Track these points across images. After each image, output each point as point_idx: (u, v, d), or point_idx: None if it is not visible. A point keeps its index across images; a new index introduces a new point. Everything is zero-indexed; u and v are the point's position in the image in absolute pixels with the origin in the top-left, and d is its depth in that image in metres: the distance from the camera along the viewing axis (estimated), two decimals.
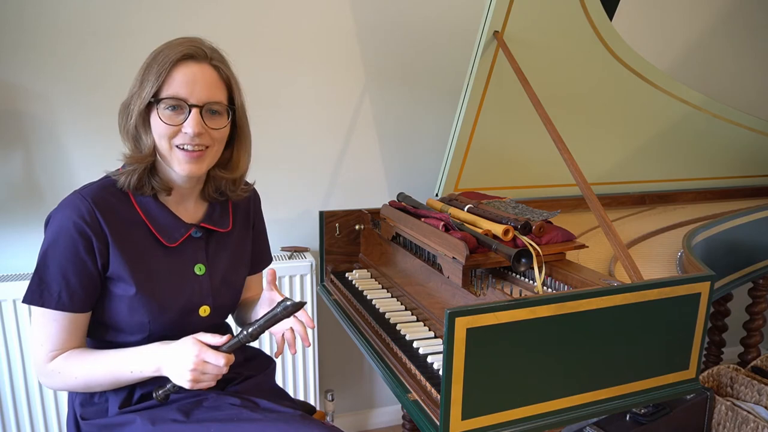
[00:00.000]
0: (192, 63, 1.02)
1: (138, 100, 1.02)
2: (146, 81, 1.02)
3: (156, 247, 1.09)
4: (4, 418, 1.75)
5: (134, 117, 1.03)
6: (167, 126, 1.02)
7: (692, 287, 1.11)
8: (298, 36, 1.96)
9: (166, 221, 1.09)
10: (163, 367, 1.01)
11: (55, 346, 1.04)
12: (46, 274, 1.02)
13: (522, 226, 1.29)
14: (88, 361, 1.04)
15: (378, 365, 1.25)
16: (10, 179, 1.77)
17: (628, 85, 1.92)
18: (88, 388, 1.07)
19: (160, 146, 1.04)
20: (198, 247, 1.14)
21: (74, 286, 1.02)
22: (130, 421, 1.06)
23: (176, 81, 1.01)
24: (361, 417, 2.34)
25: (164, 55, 1.02)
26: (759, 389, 1.99)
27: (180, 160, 1.04)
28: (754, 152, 2.31)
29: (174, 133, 1.03)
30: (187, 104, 1.01)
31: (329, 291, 1.74)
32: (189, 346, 0.99)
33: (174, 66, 1.01)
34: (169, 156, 1.05)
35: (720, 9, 2.49)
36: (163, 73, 1.00)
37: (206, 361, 0.98)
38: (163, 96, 1.01)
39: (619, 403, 1.09)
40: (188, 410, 1.07)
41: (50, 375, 1.05)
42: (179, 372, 0.99)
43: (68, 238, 1.01)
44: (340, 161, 2.11)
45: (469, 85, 1.68)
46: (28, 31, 1.70)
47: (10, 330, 1.70)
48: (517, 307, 0.96)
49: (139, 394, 1.10)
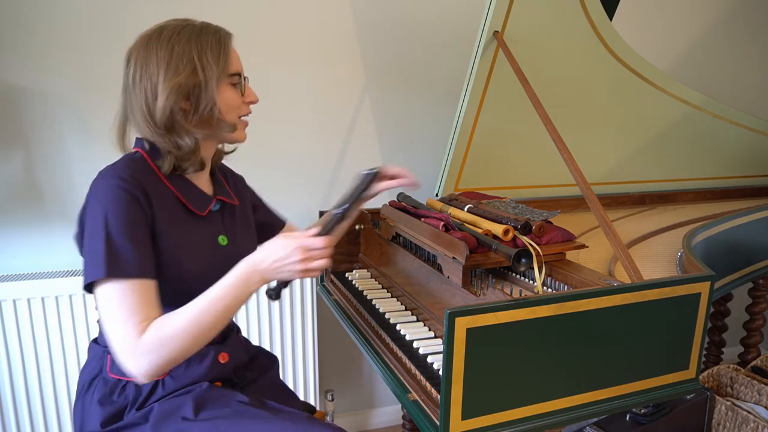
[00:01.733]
0: (230, 42, 1.11)
1: (211, 77, 1.04)
2: (208, 62, 1.04)
3: (188, 217, 1.10)
4: (4, 418, 1.75)
5: (208, 93, 1.04)
6: (239, 98, 1.10)
7: (692, 287, 1.11)
8: (298, 36, 1.96)
9: (191, 192, 1.12)
10: (266, 273, 0.99)
11: (143, 316, 0.95)
12: (114, 244, 0.95)
13: (522, 226, 1.29)
14: (183, 312, 0.96)
15: (378, 365, 1.25)
16: (10, 179, 1.77)
17: (628, 85, 1.92)
18: (197, 340, 0.97)
19: (227, 119, 1.09)
20: (217, 219, 1.17)
21: (142, 250, 0.98)
22: (139, 422, 1.06)
23: (233, 57, 1.09)
24: (361, 417, 2.34)
25: (213, 34, 1.07)
26: (759, 389, 1.99)
27: (242, 128, 1.14)
28: (754, 152, 2.31)
29: (241, 104, 1.11)
30: (243, 77, 1.11)
31: (329, 291, 1.74)
32: (282, 243, 0.98)
33: (228, 44, 1.09)
34: (231, 128, 1.10)
35: (720, 9, 2.49)
36: (223, 53, 1.06)
37: (308, 247, 0.97)
38: (232, 72, 1.08)
39: (619, 403, 1.09)
40: (197, 409, 1.06)
41: (150, 350, 0.93)
42: (286, 268, 0.98)
43: (122, 202, 0.98)
44: (340, 161, 2.11)
45: (469, 85, 1.68)
46: (28, 31, 1.70)
47: (10, 330, 1.70)
48: (517, 307, 0.96)
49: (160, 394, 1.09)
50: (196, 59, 1.03)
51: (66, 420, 1.81)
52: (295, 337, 1.99)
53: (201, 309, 0.97)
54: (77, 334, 1.76)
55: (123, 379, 1.09)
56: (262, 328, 1.95)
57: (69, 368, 1.78)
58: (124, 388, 1.09)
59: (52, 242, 1.83)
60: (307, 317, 1.99)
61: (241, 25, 1.90)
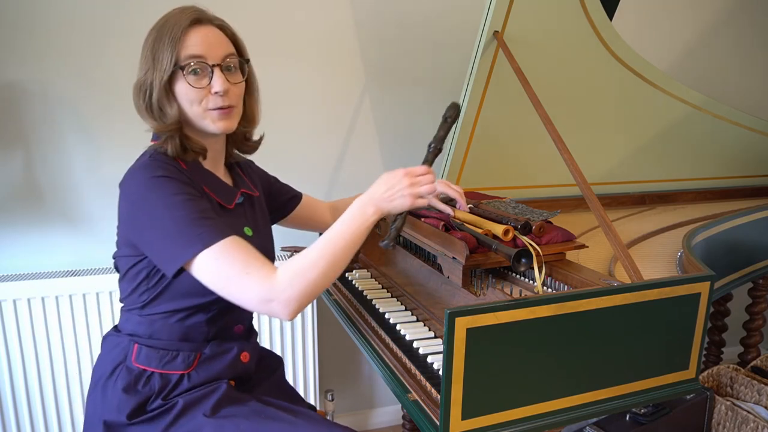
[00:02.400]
0: (200, 26, 1.05)
1: (158, 73, 1.03)
2: (160, 53, 1.02)
3: (218, 209, 1.11)
4: (4, 418, 1.75)
5: (157, 91, 1.03)
6: (196, 89, 1.04)
7: (692, 287, 1.11)
8: (298, 36, 1.96)
9: (218, 185, 1.13)
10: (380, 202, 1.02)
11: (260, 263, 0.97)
12: (192, 219, 0.97)
13: (522, 226, 1.29)
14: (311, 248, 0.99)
15: (378, 365, 1.25)
16: (10, 179, 1.77)
17: (628, 85, 1.92)
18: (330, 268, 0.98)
19: (190, 113, 1.06)
20: (242, 211, 1.18)
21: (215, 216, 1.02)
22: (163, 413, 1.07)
23: (191, 44, 1.03)
24: (361, 417, 2.34)
25: (171, 24, 1.03)
26: (759, 389, 1.99)
27: (214, 119, 1.06)
28: (754, 152, 2.31)
29: (203, 96, 1.05)
30: (207, 65, 1.04)
31: (329, 291, 1.74)
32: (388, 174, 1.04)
33: (185, 31, 1.03)
34: (201, 119, 1.07)
35: (720, 9, 2.49)
36: (176, 41, 1.02)
37: (414, 172, 1.03)
38: (184, 60, 1.02)
39: (619, 403, 1.09)
40: (218, 406, 1.07)
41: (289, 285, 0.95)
42: (397, 194, 1.02)
43: (173, 184, 1.00)
44: (341, 161, 2.11)
45: (469, 85, 1.68)
46: (28, 31, 1.70)
47: (10, 330, 1.70)
48: (517, 307, 0.96)
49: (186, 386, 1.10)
50: (150, 56, 1.04)
51: (66, 420, 1.81)
52: (295, 337, 1.99)
53: (326, 243, 0.99)
54: (77, 333, 1.76)
55: (148, 369, 1.09)
56: (262, 328, 1.95)
57: (69, 368, 1.78)
58: (150, 378, 1.08)
59: (52, 242, 1.84)
60: (307, 317, 1.99)
61: (241, 25, 1.89)
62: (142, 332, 1.11)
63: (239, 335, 1.18)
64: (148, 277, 1.07)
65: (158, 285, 1.07)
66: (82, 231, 1.87)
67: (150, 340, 1.10)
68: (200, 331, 1.12)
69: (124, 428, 1.07)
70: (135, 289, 1.10)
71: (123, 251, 1.09)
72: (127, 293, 1.12)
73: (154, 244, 1.00)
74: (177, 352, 1.10)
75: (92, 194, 1.85)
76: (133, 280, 1.09)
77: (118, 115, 1.81)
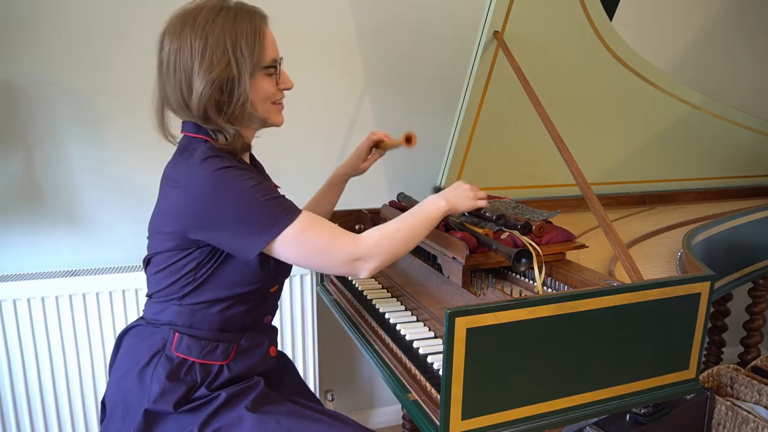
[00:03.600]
0: (265, 24, 1.09)
1: (245, 72, 1.03)
2: (243, 53, 1.02)
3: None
4: (4, 417, 1.75)
5: (241, 88, 1.03)
6: (274, 87, 1.09)
7: (692, 287, 1.11)
8: (298, 36, 1.96)
9: (264, 177, 1.18)
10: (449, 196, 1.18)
11: (341, 230, 1.07)
12: (264, 203, 1.01)
13: (522, 226, 1.29)
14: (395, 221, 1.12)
15: (378, 365, 1.25)
16: (10, 179, 1.77)
17: (628, 85, 1.92)
18: (410, 239, 1.11)
19: (261, 108, 1.09)
20: None
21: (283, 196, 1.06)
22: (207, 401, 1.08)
23: (269, 43, 1.07)
24: (361, 417, 2.34)
25: (247, 21, 1.04)
26: (759, 389, 1.99)
27: (278, 112, 1.13)
28: (754, 152, 2.31)
29: (277, 92, 1.11)
30: (280, 63, 1.10)
31: (329, 291, 1.74)
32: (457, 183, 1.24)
33: (264, 30, 1.07)
34: (269, 114, 1.11)
35: (720, 9, 2.49)
36: (260, 40, 1.05)
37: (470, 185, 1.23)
38: (267, 62, 1.07)
39: (619, 403, 1.09)
40: (259, 402, 1.09)
41: (376, 244, 1.06)
42: (462, 194, 1.20)
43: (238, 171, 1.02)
44: (340, 161, 2.10)
45: (469, 85, 1.68)
46: (28, 31, 1.70)
47: (10, 330, 1.70)
48: (517, 307, 0.96)
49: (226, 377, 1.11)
50: (230, 52, 1.02)
51: (66, 419, 1.81)
52: (295, 337, 1.99)
53: (404, 218, 1.12)
54: (77, 334, 1.76)
55: (189, 358, 1.09)
56: None
57: (69, 368, 1.78)
58: (191, 368, 1.08)
59: (52, 242, 1.84)
60: (307, 317, 1.99)
61: None
62: (182, 322, 1.10)
63: (267, 326, 1.22)
64: (196, 268, 1.07)
65: (204, 275, 1.08)
66: (82, 231, 1.87)
67: (191, 330, 1.10)
68: (239, 321, 1.13)
69: (167, 417, 1.06)
70: (176, 281, 1.09)
71: (165, 246, 1.08)
72: (163, 286, 1.11)
73: (230, 233, 1.01)
74: (217, 343, 1.11)
75: (92, 194, 1.85)
76: (176, 273, 1.09)
77: (118, 115, 1.81)
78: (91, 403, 1.82)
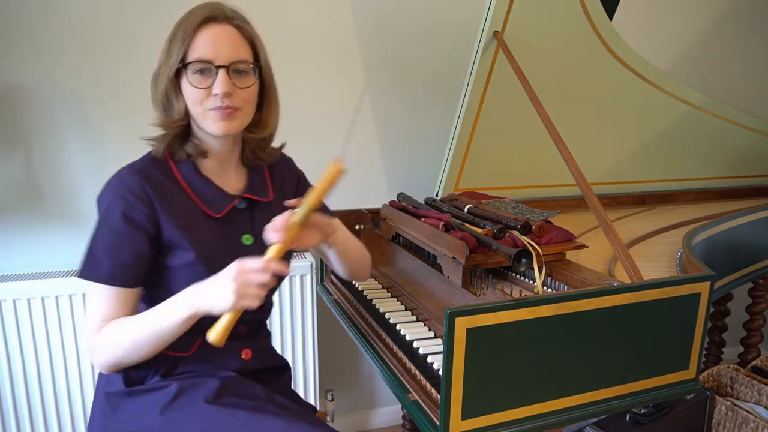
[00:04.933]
0: (214, 25, 1.04)
1: (166, 68, 1.04)
2: (172, 49, 1.04)
3: (204, 218, 1.11)
4: (4, 418, 1.75)
5: (164, 84, 1.05)
6: (197, 90, 1.03)
7: (692, 287, 1.11)
8: (298, 36, 1.96)
9: (208, 192, 1.12)
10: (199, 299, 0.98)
11: (104, 316, 1.05)
12: (97, 248, 1.04)
13: (522, 226, 1.29)
14: (129, 323, 1.05)
15: (378, 365, 1.25)
16: (10, 179, 1.77)
17: (628, 85, 1.92)
18: (134, 351, 1.04)
19: (193, 111, 1.06)
20: (244, 217, 1.16)
21: (125, 261, 1.04)
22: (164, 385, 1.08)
23: (200, 44, 1.03)
24: (361, 417, 2.34)
25: (186, 21, 1.04)
26: (759, 389, 1.99)
27: (214, 119, 1.05)
28: (754, 152, 2.32)
29: (205, 97, 1.04)
30: (213, 66, 1.03)
31: (329, 291, 1.74)
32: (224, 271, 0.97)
33: (197, 30, 1.03)
34: (202, 119, 1.07)
35: (720, 9, 2.49)
36: (187, 39, 1.02)
37: (247, 269, 0.94)
38: (190, 60, 1.03)
39: (619, 403, 1.09)
40: (219, 393, 1.08)
41: (100, 347, 1.04)
42: (220, 293, 0.94)
43: (119, 212, 1.04)
44: None
45: (469, 85, 1.68)
46: (28, 31, 1.70)
47: (10, 330, 1.70)
48: (517, 307, 0.96)
49: (181, 370, 1.11)
50: (166, 49, 1.05)
51: (66, 420, 1.81)
52: (295, 336, 1.99)
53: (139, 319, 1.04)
54: (77, 334, 1.76)
55: None
56: None
57: (69, 368, 1.77)
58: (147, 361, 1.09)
59: (52, 242, 1.83)
60: (307, 317, 1.99)
61: None
62: None
63: (241, 335, 1.17)
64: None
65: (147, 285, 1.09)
66: (82, 231, 1.87)
67: None
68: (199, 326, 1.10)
69: (123, 398, 1.10)
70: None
71: None
72: None
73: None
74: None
75: (92, 194, 1.82)
76: None
77: (118, 115, 1.81)
78: (90, 402, 1.82)
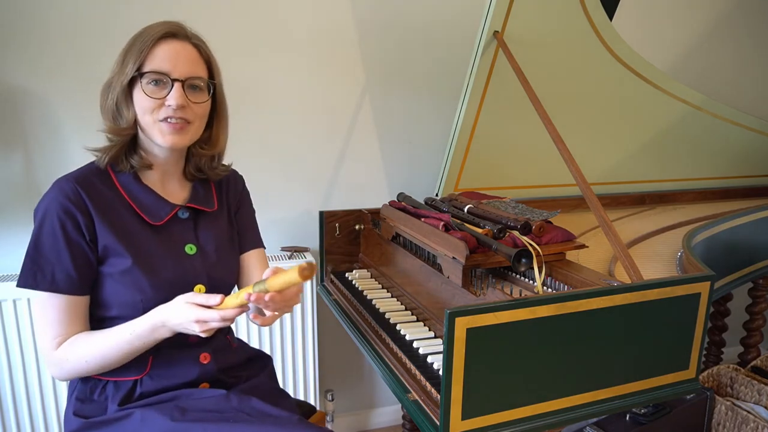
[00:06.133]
0: (174, 40, 1.06)
1: (120, 76, 1.05)
2: (128, 58, 1.05)
3: (143, 226, 1.10)
4: (4, 417, 1.75)
5: (116, 93, 1.06)
6: (151, 99, 1.04)
7: (692, 287, 1.11)
8: (299, 37, 1.96)
9: (148, 200, 1.12)
10: (174, 328, 1.01)
11: (58, 332, 1.04)
12: (38, 256, 1.04)
13: (522, 226, 1.29)
14: (94, 340, 1.04)
15: (378, 365, 1.25)
16: (10, 179, 1.77)
17: (628, 85, 1.92)
18: (102, 368, 1.05)
19: (142, 121, 1.07)
20: (186, 227, 1.15)
21: (67, 267, 1.03)
22: (127, 415, 1.06)
23: (159, 56, 1.04)
24: (361, 417, 2.34)
25: (146, 34, 1.05)
26: (759, 389, 1.99)
27: (163, 132, 1.06)
28: (754, 152, 2.32)
29: (157, 107, 1.05)
30: (170, 78, 1.04)
31: (329, 291, 1.74)
32: (184, 312, 0.98)
33: (156, 43, 1.05)
34: (152, 129, 1.07)
35: (720, 8, 2.49)
36: (145, 49, 1.04)
37: (204, 319, 0.97)
38: (147, 70, 1.04)
39: (619, 403, 1.09)
40: (187, 408, 1.06)
41: (59, 363, 1.04)
42: (189, 328, 0.99)
43: (55, 218, 1.03)
44: (341, 161, 2.11)
45: (469, 85, 1.68)
46: (28, 32, 1.70)
47: (10, 330, 1.70)
48: (517, 307, 0.96)
49: (139, 392, 1.09)
50: (121, 59, 1.06)
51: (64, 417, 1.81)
52: (295, 337, 1.99)
53: (108, 344, 1.03)
54: None
55: (103, 378, 1.09)
56: (262, 328, 1.95)
57: None
58: (105, 387, 1.09)
59: None
60: (307, 317, 1.99)
61: (241, 27, 1.90)
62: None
63: (194, 343, 1.14)
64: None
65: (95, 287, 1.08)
66: None
67: None
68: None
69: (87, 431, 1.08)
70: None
71: None
72: None
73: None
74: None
75: None
76: None
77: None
78: None
